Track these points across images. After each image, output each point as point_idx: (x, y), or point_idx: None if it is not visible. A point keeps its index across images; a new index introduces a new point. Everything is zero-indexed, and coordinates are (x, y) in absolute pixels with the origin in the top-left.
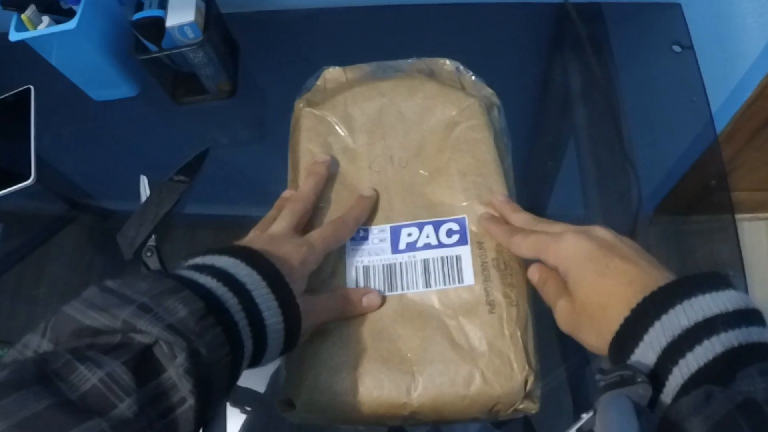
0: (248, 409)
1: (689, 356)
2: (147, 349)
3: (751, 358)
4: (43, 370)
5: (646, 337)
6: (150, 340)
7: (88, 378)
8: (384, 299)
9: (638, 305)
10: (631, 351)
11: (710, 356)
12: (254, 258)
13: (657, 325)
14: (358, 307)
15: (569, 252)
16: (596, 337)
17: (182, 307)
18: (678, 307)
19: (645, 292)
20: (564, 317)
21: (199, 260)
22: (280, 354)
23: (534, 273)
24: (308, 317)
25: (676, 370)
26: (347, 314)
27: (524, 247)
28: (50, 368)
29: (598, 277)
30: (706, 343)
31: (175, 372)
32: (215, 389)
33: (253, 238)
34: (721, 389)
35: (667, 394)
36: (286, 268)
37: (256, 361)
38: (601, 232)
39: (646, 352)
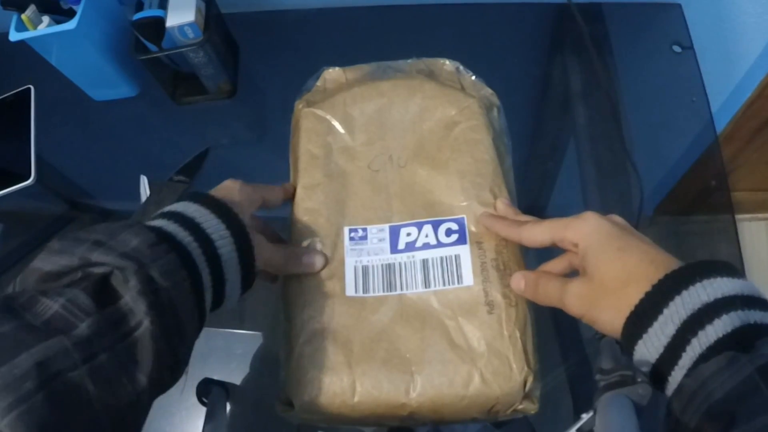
0: (247, 409)
1: (709, 328)
2: (105, 278)
3: None
4: (9, 305)
5: (666, 311)
6: (107, 270)
7: (51, 306)
8: (327, 261)
9: (660, 281)
10: (649, 324)
11: (729, 328)
12: (201, 197)
13: (677, 299)
14: (298, 264)
15: (593, 228)
16: (614, 313)
17: (134, 238)
18: (698, 285)
19: (666, 270)
20: (578, 298)
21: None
22: (242, 290)
23: (519, 280)
24: (258, 252)
25: (694, 341)
26: (289, 269)
27: (538, 231)
28: (16, 303)
29: (621, 253)
30: (725, 317)
31: (130, 296)
32: (181, 317)
33: None
34: (743, 354)
35: (682, 366)
36: (233, 202)
37: (219, 298)
38: (619, 218)
39: (666, 324)
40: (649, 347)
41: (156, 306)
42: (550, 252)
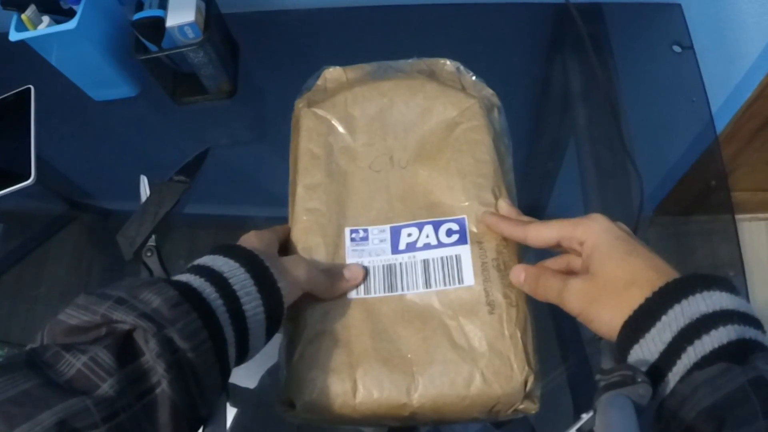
0: (247, 409)
1: (705, 338)
2: (128, 335)
3: (764, 347)
4: (33, 360)
5: (664, 318)
6: (129, 326)
7: (74, 364)
8: (366, 272)
9: (661, 287)
10: (647, 329)
11: (725, 340)
12: (231, 249)
13: (677, 307)
14: (341, 280)
15: (603, 228)
16: (613, 313)
17: (156, 297)
18: (698, 296)
19: (669, 278)
20: (578, 294)
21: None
22: (266, 340)
23: (519, 273)
24: (299, 276)
25: (690, 349)
26: (335, 289)
27: (545, 230)
28: (39, 359)
29: (627, 256)
30: (722, 329)
31: (150, 356)
32: (201, 376)
33: None
34: (736, 365)
35: (677, 372)
36: (257, 250)
37: (242, 351)
38: (624, 226)
39: (663, 331)
40: (645, 351)
41: (174, 367)
42: (549, 254)
